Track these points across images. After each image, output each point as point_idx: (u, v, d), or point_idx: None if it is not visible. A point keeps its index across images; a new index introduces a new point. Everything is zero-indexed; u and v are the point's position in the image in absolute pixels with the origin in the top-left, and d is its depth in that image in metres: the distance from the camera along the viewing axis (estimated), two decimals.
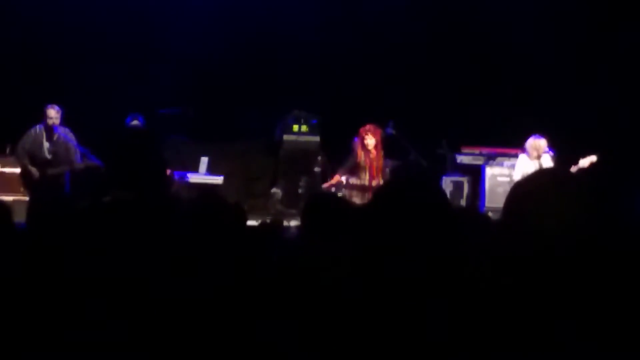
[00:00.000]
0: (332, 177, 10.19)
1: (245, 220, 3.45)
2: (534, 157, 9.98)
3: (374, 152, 9.98)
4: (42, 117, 9.86)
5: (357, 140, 10.00)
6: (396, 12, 12.39)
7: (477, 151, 11.70)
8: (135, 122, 9.89)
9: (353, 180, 10.04)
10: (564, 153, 10.12)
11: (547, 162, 10.00)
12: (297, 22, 12.22)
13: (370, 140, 9.93)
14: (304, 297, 2.43)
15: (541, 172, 2.02)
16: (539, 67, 12.19)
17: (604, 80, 11.79)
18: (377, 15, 12.46)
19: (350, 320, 2.02)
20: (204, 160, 11.18)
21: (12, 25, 11.71)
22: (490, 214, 10.30)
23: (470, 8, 12.34)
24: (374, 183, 9.94)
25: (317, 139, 11.98)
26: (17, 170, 10.04)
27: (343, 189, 10.01)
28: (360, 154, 9.97)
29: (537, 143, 9.95)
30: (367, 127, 9.99)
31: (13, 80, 11.43)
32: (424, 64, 12.30)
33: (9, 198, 9.51)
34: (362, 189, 9.96)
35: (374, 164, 9.99)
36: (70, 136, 9.97)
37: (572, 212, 1.74)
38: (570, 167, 9.86)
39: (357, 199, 9.71)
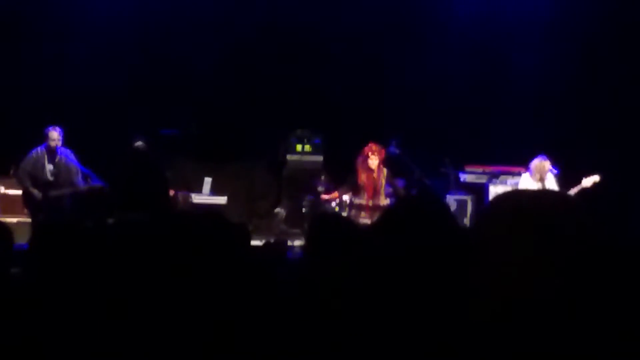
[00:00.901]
0: (330, 194, 10.18)
1: (250, 240, 3.44)
2: (537, 178, 9.96)
3: (375, 171, 9.95)
4: (43, 139, 9.86)
5: (359, 159, 9.99)
6: (398, 31, 12.43)
7: (480, 170, 11.68)
8: (139, 144, 9.89)
9: (354, 200, 10.02)
10: (567, 172, 10.11)
11: (551, 182, 9.98)
12: (300, 40, 12.26)
13: (374, 160, 9.92)
14: (309, 316, 2.41)
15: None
16: (542, 85, 12.20)
17: (609, 99, 11.79)
18: (379, 34, 12.50)
19: (356, 340, 2.00)
20: (208, 181, 11.19)
21: (13, 44, 11.75)
22: None
23: (473, 27, 12.36)
24: (371, 203, 9.92)
25: (320, 158, 11.99)
26: (20, 192, 10.05)
27: (347, 208, 9.99)
28: (361, 174, 9.95)
29: (542, 165, 9.93)
30: (372, 146, 9.98)
31: (15, 102, 11.46)
32: (427, 83, 12.31)
33: (12, 220, 9.54)
34: (361, 208, 9.93)
35: (374, 183, 9.97)
36: (72, 158, 9.97)
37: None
38: (574, 187, 9.87)
39: (357, 218, 9.70)
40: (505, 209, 1.72)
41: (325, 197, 10.17)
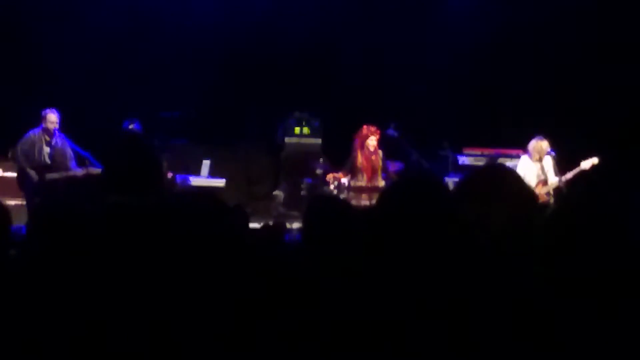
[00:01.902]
0: (332, 177, 10.07)
1: (248, 222, 3.44)
2: (536, 159, 9.95)
3: (373, 153, 9.93)
4: (40, 121, 9.76)
5: (357, 141, 9.96)
6: (396, 13, 12.40)
7: (479, 152, 11.68)
8: (132, 127, 9.87)
9: (352, 182, 9.99)
10: (566, 154, 10.10)
11: (549, 163, 9.97)
12: (298, 23, 12.22)
13: (372, 142, 9.90)
14: (307, 300, 2.41)
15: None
16: (542, 67, 12.18)
17: (608, 81, 11.78)
18: (377, 16, 12.46)
19: (354, 324, 2.00)
20: (206, 163, 11.18)
21: (11, 27, 11.71)
22: None
23: (470, 11, 12.33)
24: (371, 184, 9.90)
25: (318, 141, 11.99)
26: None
27: (345, 191, 9.97)
28: (360, 155, 9.93)
29: (540, 145, 9.91)
30: (369, 127, 9.95)
31: (11, 84, 11.42)
32: (426, 65, 12.29)
33: (9, 202, 9.50)
34: (360, 190, 9.91)
35: (373, 165, 9.94)
36: (68, 141, 9.88)
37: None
38: (572, 169, 9.87)
39: (355, 201, 9.67)
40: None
41: (332, 176, 9.98)
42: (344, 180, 10.01)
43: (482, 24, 12.31)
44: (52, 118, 9.70)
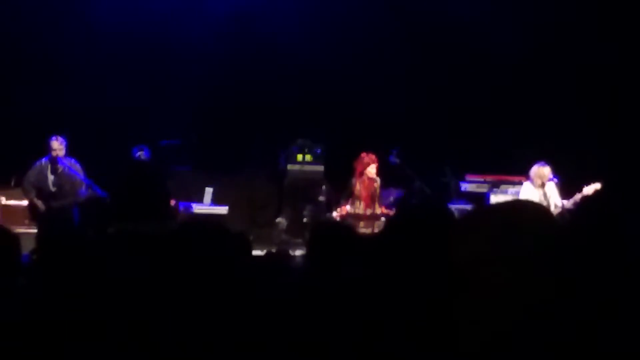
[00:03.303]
0: (338, 208, 10.07)
1: (250, 250, 3.45)
2: (538, 185, 9.96)
3: (371, 181, 9.94)
4: (47, 150, 9.80)
5: (357, 169, 9.97)
6: (393, 41, 12.46)
7: (481, 179, 11.68)
8: (140, 154, 9.88)
9: (351, 209, 9.99)
10: (568, 180, 10.11)
11: (551, 189, 9.98)
12: (301, 51, 12.27)
13: (372, 169, 9.92)
14: (311, 325, 2.42)
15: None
16: (543, 94, 12.21)
17: (609, 108, 11.81)
18: (379, 45, 12.53)
19: (358, 346, 2.01)
20: (209, 191, 11.19)
21: (19, 55, 11.78)
22: None
23: (472, 37, 12.38)
24: (369, 212, 9.91)
25: (321, 168, 12.00)
26: (22, 202, 10.04)
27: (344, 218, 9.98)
28: (358, 183, 9.95)
29: (542, 171, 9.93)
30: (370, 155, 9.97)
31: (18, 112, 11.47)
32: (428, 93, 12.33)
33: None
34: (359, 218, 9.91)
35: (371, 193, 9.96)
36: (76, 168, 9.88)
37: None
38: (574, 194, 9.87)
39: (355, 228, 9.66)
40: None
41: (337, 215, 9.97)
42: (347, 207, 10.01)
43: (484, 48, 12.35)
44: (55, 145, 9.72)
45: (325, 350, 2.15)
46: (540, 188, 9.94)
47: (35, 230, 9.83)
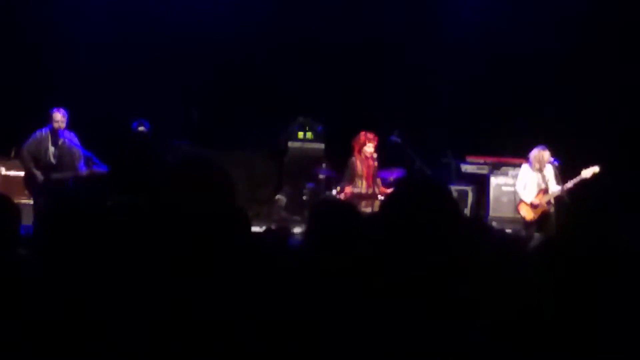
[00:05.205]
0: (340, 189, 10.03)
1: (250, 226, 3.44)
2: (537, 168, 9.98)
3: (371, 160, 9.91)
4: (47, 121, 9.76)
5: (355, 148, 9.92)
6: (399, 21, 12.42)
7: (481, 160, 11.69)
8: (141, 128, 9.85)
9: (352, 189, 9.97)
10: (568, 163, 10.11)
11: (550, 172, 9.99)
12: (303, 28, 12.24)
13: (370, 148, 9.87)
14: (310, 303, 2.42)
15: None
16: (544, 76, 12.19)
17: (608, 90, 11.79)
18: (382, 24, 12.48)
19: (358, 326, 2.01)
20: None
21: (19, 26, 11.74)
22: (494, 223, 10.31)
23: (477, 19, 12.34)
24: (370, 191, 9.88)
25: (321, 146, 12.00)
26: (22, 173, 9.99)
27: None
28: (358, 162, 9.91)
29: (541, 155, 9.94)
30: (368, 134, 9.93)
31: (18, 83, 11.45)
32: (430, 73, 12.31)
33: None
34: (359, 197, 9.87)
35: (371, 171, 9.93)
36: (76, 141, 9.87)
37: None
38: (573, 177, 9.88)
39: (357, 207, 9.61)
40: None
41: (341, 196, 9.93)
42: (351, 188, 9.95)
43: (486, 31, 12.33)
44: (57, 117, 9.68)
45: (323, 328, 2.16)
46: (538, 172, 9.96)
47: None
